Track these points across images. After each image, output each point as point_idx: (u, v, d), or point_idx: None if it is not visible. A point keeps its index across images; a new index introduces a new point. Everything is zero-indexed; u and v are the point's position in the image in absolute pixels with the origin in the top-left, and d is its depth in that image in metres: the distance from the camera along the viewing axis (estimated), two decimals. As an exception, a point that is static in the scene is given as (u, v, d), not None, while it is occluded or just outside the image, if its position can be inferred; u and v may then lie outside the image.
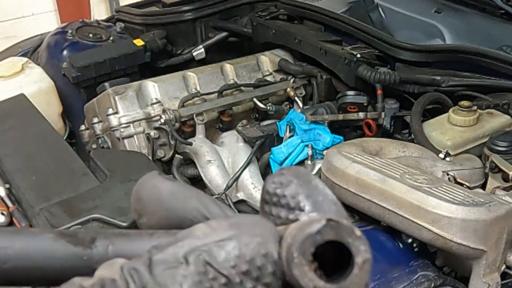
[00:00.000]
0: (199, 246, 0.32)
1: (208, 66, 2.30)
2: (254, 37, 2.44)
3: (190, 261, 0.31)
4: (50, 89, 2.24)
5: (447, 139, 1.67)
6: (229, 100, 2.12)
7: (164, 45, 2.41)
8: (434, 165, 1.50)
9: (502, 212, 1.22)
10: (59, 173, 1.59)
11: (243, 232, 0.32)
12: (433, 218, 1.22)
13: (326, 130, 1.92)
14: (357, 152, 1.46)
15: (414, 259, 1.34)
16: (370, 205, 1.34)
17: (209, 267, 0.31)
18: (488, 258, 1.24)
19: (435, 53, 1.98)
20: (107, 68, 2.21)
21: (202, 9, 2.53)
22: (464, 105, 1.71)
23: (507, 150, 1.51)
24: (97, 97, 2.14)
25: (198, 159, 1.96)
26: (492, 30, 2.09)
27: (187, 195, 0.37)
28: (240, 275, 0.31)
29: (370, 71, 1.94)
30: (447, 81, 1.86)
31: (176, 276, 0.31)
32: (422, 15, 2.29)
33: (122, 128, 2.03)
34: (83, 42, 2.38)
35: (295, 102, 2.20)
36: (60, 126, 2.27)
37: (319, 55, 2.14)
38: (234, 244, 0.31)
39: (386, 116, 1.93)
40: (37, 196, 1.48)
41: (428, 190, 1.27)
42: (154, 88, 2.11)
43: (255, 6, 2.58)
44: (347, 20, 2.24)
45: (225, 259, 0.31)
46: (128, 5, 2.78)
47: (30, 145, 1.72)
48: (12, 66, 2.27)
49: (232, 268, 0.31)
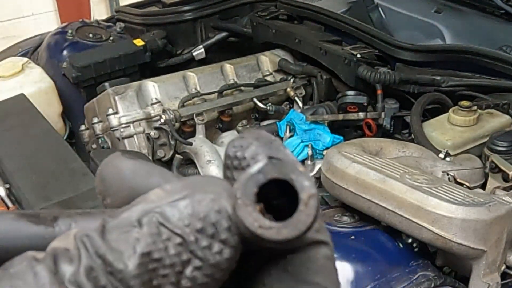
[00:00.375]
0: (153, 208, 0.31)
1: (208, 66, 2.30)
2: (254, 37, 2.44)
3: (143, 224, 0.30)
4: (50, 89, 2.24)
5: (447, 139, 1.67)
6: (229, 100, 2.12)
7: (164, 45, 2.41)
8: (434, 165, 1.50)
9: (502, 212, 1.22)
10: (59, 173, 1.59)
11: (196, 191, 0.31)
12: (433, 218, 1.22)
13: (326, 130, 1.92)
14: (357, 152, 1.46)
15: (414, 259, 1.34)
16: (370, 205, 1.34)
17: (162, 228, 0.30)
18: (488, 258, 1.24)
19: (435, 53, 1.98)
20: (107, 68, 2.21)
21: (202, 9, 2.53)
22: (464, 105, 1.71)
23: (507, 150, 1.51)
24: (97, 97, 2.14)
25: (198, 159, 1.96)
26: (492, 30, 2.10)
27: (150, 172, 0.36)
28: (194, 233, 0.30)
29: (370, 71, 1.94)
30: (447, 81, 1.86)
31: (129, 239, 0.30)
32: (422, 15, 2.29)
33: (122, 128, 2.03)
34: (83, 42, 2.38)
35: (295, 102, 2.20)
36: (60, 126, 2.27)
37: (319, 55, 2.14)
38: (186, 203, 0.31)
39: (386, 116, 1.93)
40: (37, 196, 1.48)
41: (428, 190, 1.27)
42: (154, 88, 2.11)
43: (255, 6, 2.59)
44: (347, 20, 2.24)
45: (179, 218, 0.30)
46: (128, 5, 2.78)
47: (30, 145, 1.72)
48: (12, 66, 2.27)
49: (186, 226, 0.30)
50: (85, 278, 0.30)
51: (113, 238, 0.30)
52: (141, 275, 0.30)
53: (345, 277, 1.28)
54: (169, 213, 0.31)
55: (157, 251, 0.30)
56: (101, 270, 0.30)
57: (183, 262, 0.30)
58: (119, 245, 0.30)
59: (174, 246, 0.30)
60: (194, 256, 0.30)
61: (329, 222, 1.39)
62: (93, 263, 0.30)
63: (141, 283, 0.30)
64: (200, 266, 0.30)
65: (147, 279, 0.30)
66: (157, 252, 0.30)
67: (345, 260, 1.31)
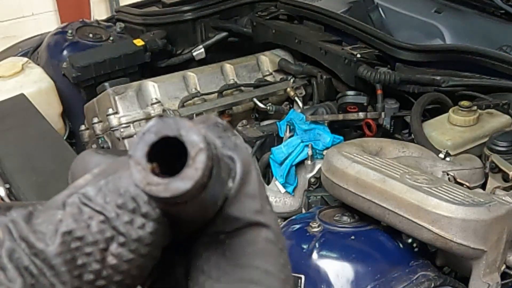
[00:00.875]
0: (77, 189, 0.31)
1: (208, 66, 2.30)
2: (254, 37, 2.44)
3: (67, 204, 0.31)
4: (50, 89, 2.24)
5: (447, 139, 1.67)
6: (229, 100, 2.12)
7: (164, 45, 2.41)
8: (434, 165, 1.50)
9: (502, 212, 1.22)
10: (59, 173, 1.58)
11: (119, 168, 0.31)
12: (433, 218, 1.22)
13: (326, 130, 1.92)
14: (357, 152, 1.46)
15: (414, 259, 1.34)
16: (370, 205, 1.34)
17: (84, 207, 0.30)
18: (488, 258, 1.24)
19: (435, 53, 1.98)
20: (107, 68, 2.21)
21: (202, 9, 2.53)
22: (464, 105, 1.71)
23: (507, 150, 1.51)
24: (97, 97, 2.14)
25: (198, 159, 1.96)
26: (492, 30, 2.10)
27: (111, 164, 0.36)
28: (115, 209, 0.30)
29: (370, 71, 1.94)
30: (447, 81, 1.86)
31: (53, 220, 0.30)
32: (422, 15, 2.29)
33: (122, 128, 2.03)
34: (83, 42, 2.38)
35: (295, 102, 2.20)
36: (60, 126, 2.27)
37: (319, 55, 2.14)
38: (106, 181, 0.31)
39: (386, 116, 1.93)
40: (37, 196, 1.48)
41: (428, 190, 1.27)
42: (154, 88, 2.11)
43: (255, 6, 2.58)
44: (347, 20, 2.24)
45: (99, 196, 0.31)
46: (128, 5, 2.78)
47: (30, 145, 1.72)
48: (12, 66, 2.27)
49: (107, 204, 0.30)
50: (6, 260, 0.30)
51: (38, 222, 0.31)
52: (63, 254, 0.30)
53: (345, 277, 1.28)
54: (91, 192, 0.31)
55: (79, 229, 0.30)
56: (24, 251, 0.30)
57: (107, 239, 0.30)
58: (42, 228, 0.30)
59: (97, 224, 0.30)
60: (117, 232, 0.30)
61: (329, 222, 1.39)
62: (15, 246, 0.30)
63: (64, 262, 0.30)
64: (124, 242, 0.30)
65: (70, 258, 0.30)
66: (79, 230, 0.30)
67: (345, 260, 1.30)
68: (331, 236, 1.35)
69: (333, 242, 1.35)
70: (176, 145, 0.29)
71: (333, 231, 1.36)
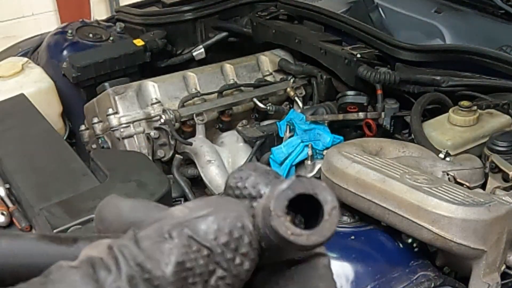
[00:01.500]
0: (181, 222, 0.34)
1: (208, 66, 2.30)
2: (254, 37, 2.44)
3: (174, 236, 0.33)
4: (50, 89, 2.24)
5: (447, 139, 1.67)
6: (229, 100, 2.12)
7: (164, 45, 2.41)
8: (434, 165, 1.50)
9: (502, 212, 1.22)
10: (59, 173, 1.58)
11: (220, 209, 0.35)
12: (433, 218, 1.22)
13: (326, 130, 1.92)
14: (357, 152, 1.46)
15: (414, 259, 1.34)
16: (370, 205, 1.34)
17: (192, 241, 0.33)
18: (488, 258, 1.24)
19: (435, 53, 1.98)
20: (107, 68, 2.21)
21: (202, 9, 2.53)
22: (464, 105, 1.71)
23: (507, 150, 1.51)
24: (97, 97, 2.14)
25: (198, 159, 1.96)
26: (492, 30, 2.10)
27: (147, 207, 0.39)
28: (221, 246, 0.33)
29: (370, 71, 1.94)
30: (447, 81, 1.86)
31: (163, 249, 0.33)
32: (422, 15, 2.29)
33: (122, 128, 2.03)
34: (83, 42, 2.38)
35: (295, 102, 2.20)
36: (60, 126, 2.27)
37: (319, 55, 2.14)
38: (213, 219, 0.34)
39: (386, 116, 1.93)
40: (37, 196, 1.48)
41: (428, 190, 1.27)
42: (154, 88, 2.11)
43: (255, 6, 2.58)
44: (347, 20, 2.24)
45: (206, 232, 0.33)
46: (128, 5, 2.78)
47: (30, 145, 1.72)
48: (12, 66, 2.27)
49: (213, 240, 0.33)
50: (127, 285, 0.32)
51: (147, 247, 0.33)
52: (176, 282, 0.32)
53: (345, 277, 1.28)
54: (198, 227, 0.34)
55: (189, 261, 0.33)
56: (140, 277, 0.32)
57: (210, 271, 0.33)
58: (154, 254, 0.33)
59: (203, 257, 0.33)
60: (219, 266, 0.34)
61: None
62: (132, 271, 0.32)
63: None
64: (224, 276, 0.34)
65: (180, 286, 0.33)
66: (189, 262, 0.33)
67: (345, 260, 1.31)
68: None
69: (333, 242, 1.34)
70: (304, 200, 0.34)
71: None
